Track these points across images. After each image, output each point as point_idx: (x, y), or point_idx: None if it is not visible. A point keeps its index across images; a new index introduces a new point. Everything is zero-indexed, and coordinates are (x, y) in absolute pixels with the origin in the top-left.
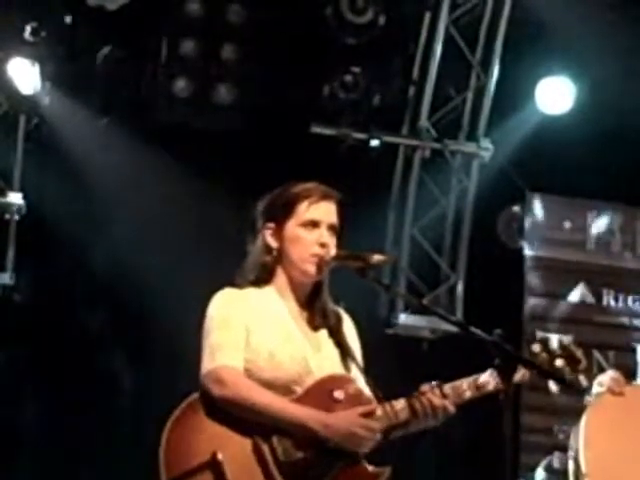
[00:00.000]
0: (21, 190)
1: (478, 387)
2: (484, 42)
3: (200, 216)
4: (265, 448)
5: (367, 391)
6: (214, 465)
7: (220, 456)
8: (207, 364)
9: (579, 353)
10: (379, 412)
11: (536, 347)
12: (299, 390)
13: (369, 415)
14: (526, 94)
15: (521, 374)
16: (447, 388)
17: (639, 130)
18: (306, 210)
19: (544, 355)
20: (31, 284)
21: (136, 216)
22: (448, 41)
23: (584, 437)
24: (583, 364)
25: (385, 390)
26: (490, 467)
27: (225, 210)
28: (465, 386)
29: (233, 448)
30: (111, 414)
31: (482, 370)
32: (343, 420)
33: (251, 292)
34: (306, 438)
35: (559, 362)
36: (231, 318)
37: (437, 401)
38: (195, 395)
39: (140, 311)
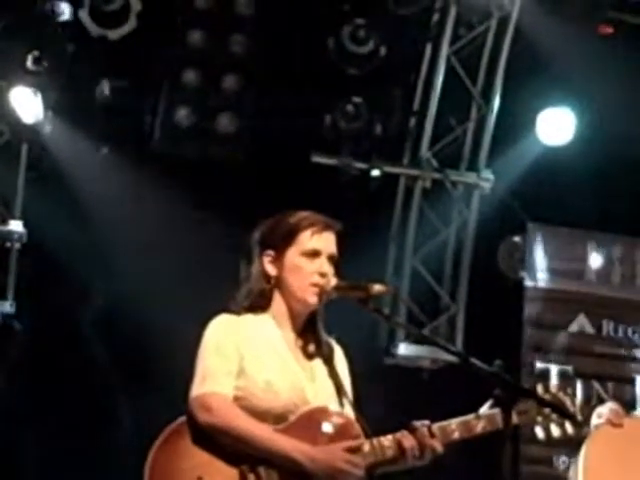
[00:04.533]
0: (22, 218)
1: (467, 428)
2: (485, 73)
3: (200, 246)
4: (251, 478)
5: (356, 425)
6: None
7: None
8: (196, 389)
9: (569, 402)
10: (366, 448)
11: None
12: (294, 419)
13: (355, 450)
14: (527, 125)
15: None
16: (435, 428)
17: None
18: (308, 239)
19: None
20: (32, 312)
21: (136, 245)
22: (449, 72)
23: (583, 469)
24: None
25: (384, 420)
26: None
27: (226, 240)
28: (454, 426)
29: (219, 476)
30: (109, 443)
31: (482, 401)
32: (329, 454)
33: (247, 319)
34: (292, 470)
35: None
36: (225, 345)
37: (426, 440)
38: (182, 419)
39: (140, 339)
